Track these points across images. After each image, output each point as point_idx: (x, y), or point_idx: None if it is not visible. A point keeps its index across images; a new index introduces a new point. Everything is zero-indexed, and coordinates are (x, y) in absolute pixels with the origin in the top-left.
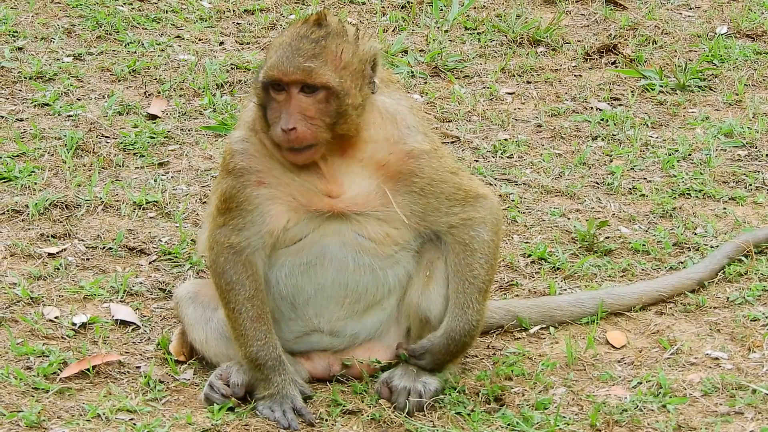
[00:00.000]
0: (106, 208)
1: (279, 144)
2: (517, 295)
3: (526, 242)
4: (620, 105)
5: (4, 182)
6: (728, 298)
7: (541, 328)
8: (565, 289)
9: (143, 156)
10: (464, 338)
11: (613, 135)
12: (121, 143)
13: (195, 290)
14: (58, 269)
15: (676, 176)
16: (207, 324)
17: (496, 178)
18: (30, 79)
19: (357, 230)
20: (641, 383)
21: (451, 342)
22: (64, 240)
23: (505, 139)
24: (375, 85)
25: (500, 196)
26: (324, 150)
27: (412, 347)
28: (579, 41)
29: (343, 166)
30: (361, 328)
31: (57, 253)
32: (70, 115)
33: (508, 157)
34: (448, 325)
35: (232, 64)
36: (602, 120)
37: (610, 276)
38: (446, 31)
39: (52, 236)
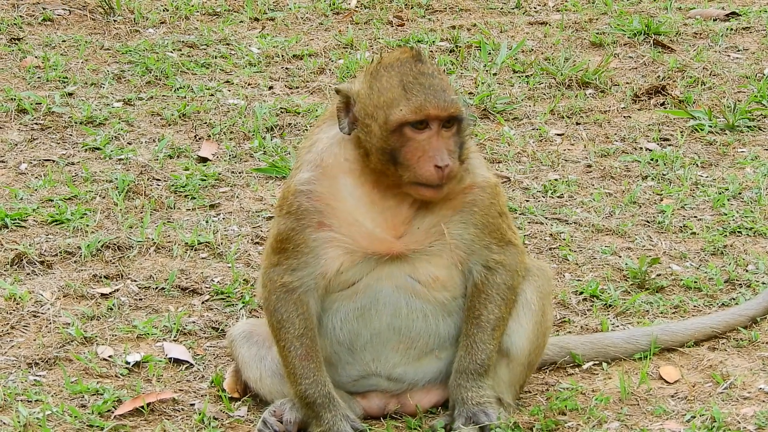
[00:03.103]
0: (158, 249)
1: (422, 181)
2: (569, 332)
3: (578, 280)
4: (670, 145)
5: (57, 224)
6: None
7: (594, 364)
8: (618, 326)
9: (194, 198)
10: (481, 371)
11: (663, 174)
12: (172, 186)
13: (249, 329)
14: (111, 309)
15: (726, 215)
16: (261, 362)
17: (546, 218)
18: (80, 123)
19: (409, 273)
20: (695, 417)
21: (464, 379)
22: (116, 281)
23: (556, 179)
24: None
25: (551, 235)
26: None
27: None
28: (627, 83)
29: (424, 202)
30: (420, 375)
31: (110, 293)
32: (120, 159)
33: (558, 197)
34: (455, 365)
35: (281, 108)
36: (652, 160)
37: (662, 312)
38: (495, 74)
39: (104, 277)
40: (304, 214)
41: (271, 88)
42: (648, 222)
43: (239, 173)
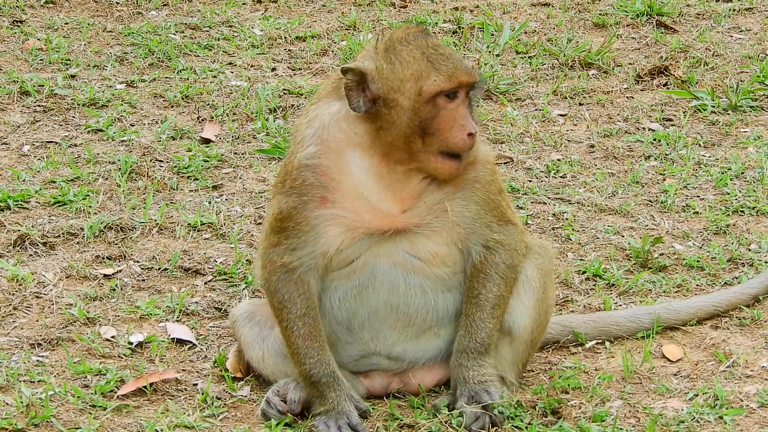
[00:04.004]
0: (161, 230)
1: (453, 149)
2: (572, 311)
3: (581, 259)
4: (672, 125)
5: (60, 206)
6: None
7: (597, 343)
8: (620, 305)
9: (197, 179)
10: (481, 350)
11: (666, 155)
12: (175, 167)
13: (251, 310)
14: (114, 290)
15: (729, 194)
16: (264, 342)
17: (549, 198)
18: (83, 105)
19: (407, 249)
20: (698, 395)
21: (465, 358)
22: (119, 262)
23: (558, 160)
24: None
25: (554, 215)
26: None
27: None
28: (630, 64)
29: (433, 178)
30: (419, 353)
31: (112, 274)
32: (123, 141)
33: (561, 177)
34: (456, 344)
35: (284, 89)
36: (655, 140)
37: (665, 292)
38: (498, 55)
39: (107, 258)
40: (308, 189)
41: (273, 69)
42: (651, 201)
43: (242, 154)
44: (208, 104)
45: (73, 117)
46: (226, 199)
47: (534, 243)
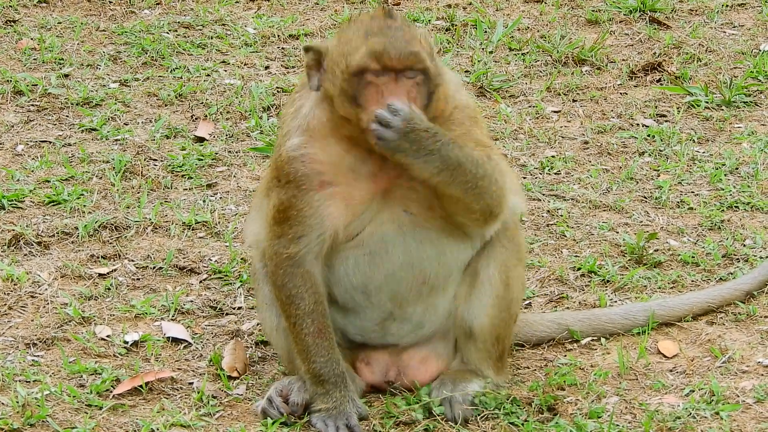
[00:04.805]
0: (156, 228)
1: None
2: (567, 308)
3: (576, 256)
4: (666, 121)
5: (54, 205)
6: None
7: (593, 339)
8: (615, 302)
9: (191, 178)
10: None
11: (660, 150)
12: (169, 166)
13: None
14: (109, 289)
15: (723, 189)
16: None
17: (543, 194)
18: (77, 105)
19: (406, 208)
20: (694, 391)
21: None
22: (114, 261)
23: (552, 156)
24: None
25: (548, 211)
26: None
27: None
28: (623, 60)
29: None
30: (432, 315)
31: (107, 273)
32: (117, 139)
33: (555, 174)
34: None
35: (277, 87)
36: (649, 136)
37: (660, 288)
38: (491, 52)
39: (102, 257)
40: (304, 179)
41: (267, 67)
42: (645, 198)
43: (236, 153)
44: (202, 103)
45: (67, 116)
46: (220, 198)
47: (501, 235)
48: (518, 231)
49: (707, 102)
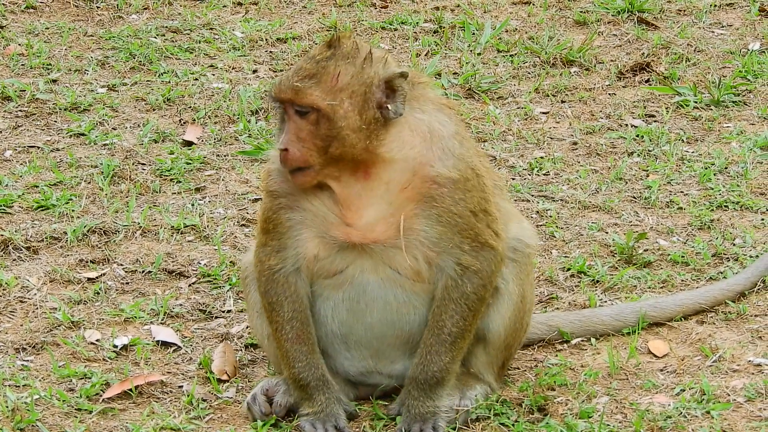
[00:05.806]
0: (144, 233)
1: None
2: (557, 308)
3: (565, 256)
4: (655, 121)
5: (43, 210)
6: None
7: (583, 340)
8: (605, 302)
9: (180, 182)
10: (432, 382)
11: (649, 151)
12: (158, 170)
13: None
14: (98, 293)
15: (713, 189)
16: None
17: (533, 195)
18: (65, 110)
19: (390, 264)
20: (684, 390)
21: (414, 387)
22: (103, 265)
23: (541, 157)
24: (390, 111)
25: (538, 212)
26: (334, 173)
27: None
28: (612, 60)
29: (364, 190)
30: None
31: (96, 277)
32: (105, 144)
33: (544, 175)
34: (409, 373)
35: (266, 91)
36: (638, 136)
37: (650, 287)
38: (479, 54)
39: (91, 261)
40: (276, 194)
41: (255, 71)
42: (634, 198)
43: (224, 156)
44: (190, 107)
45: (55, 121)
46: (209, 201)
47: (511, 245)
48: (527, 236)
49: (696, 102)
